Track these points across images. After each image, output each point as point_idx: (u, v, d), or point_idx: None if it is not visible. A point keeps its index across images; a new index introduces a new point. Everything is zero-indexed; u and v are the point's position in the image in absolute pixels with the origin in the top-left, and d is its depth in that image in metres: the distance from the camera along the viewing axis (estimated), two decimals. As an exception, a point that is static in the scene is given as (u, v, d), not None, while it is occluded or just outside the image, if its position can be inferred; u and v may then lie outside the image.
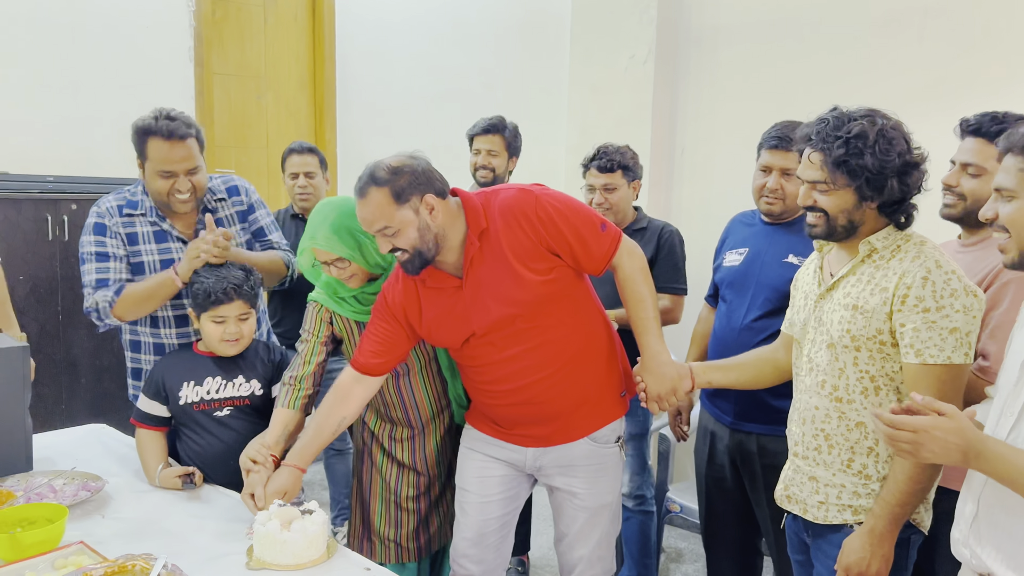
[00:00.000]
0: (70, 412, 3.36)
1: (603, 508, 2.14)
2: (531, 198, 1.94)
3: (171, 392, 2.23)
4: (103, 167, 3.73)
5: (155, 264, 2.40)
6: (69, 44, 3.66)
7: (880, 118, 1.71)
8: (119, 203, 2.42)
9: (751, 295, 2.37)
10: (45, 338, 3.31)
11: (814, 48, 3.58)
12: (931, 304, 1.64)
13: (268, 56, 4.61)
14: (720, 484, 2.51)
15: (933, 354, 1.64)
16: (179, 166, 2.29)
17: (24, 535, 1.68)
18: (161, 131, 2.25)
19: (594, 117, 4.18)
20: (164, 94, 3.97)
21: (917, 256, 1.69)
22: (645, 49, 3.92)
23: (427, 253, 1.92)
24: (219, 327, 2.19)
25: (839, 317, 1.76)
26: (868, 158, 1.67)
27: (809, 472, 1.85)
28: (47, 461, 2.25)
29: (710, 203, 3.85)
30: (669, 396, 2.00)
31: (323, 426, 2.06)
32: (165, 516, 2.00)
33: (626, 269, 2.01)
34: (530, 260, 1.93)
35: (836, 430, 1.79)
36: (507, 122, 3.30)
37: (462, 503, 2.18)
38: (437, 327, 2.03)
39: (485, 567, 2.17)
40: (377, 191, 1.86)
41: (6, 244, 3.19)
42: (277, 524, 1.77)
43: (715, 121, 3.91)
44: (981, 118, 1.94)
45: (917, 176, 1.73)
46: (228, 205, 2.53)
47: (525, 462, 2.14)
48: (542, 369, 2.00)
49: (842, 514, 1.79)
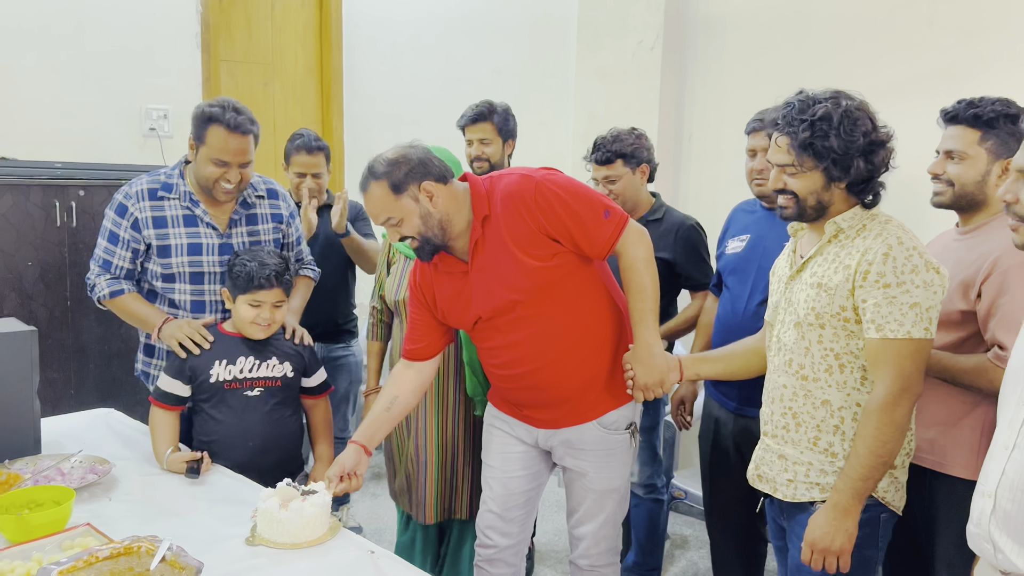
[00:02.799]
0: (79, 396, 3.37)
1: (611, 492, 2.16)
2: (531, 184, 1.94)
3: (199, 371, 2.26)
4: (111, 153, 3.74)
5: (183, 247, 2.42)
6: (77, 30, 3.66)
7: (844, 99, 1.73)
8: (152, 186, 2.44)
9: (753, 280, 2.37)
10: (54, 323, 3.32)
11: (822, 33, 3.56)
12: (892, 279, 1.66)
13: (275, 43, 4.60)
14: (724, 470, 2.51)
15: (894, 329, 1.65)
16: (235, 158, 2.33)
17: (31, 517, 1.70)
18: (228, 122, 2.29)
19: (601, 104, 4.16)
20: (171, 81, 3.98)
21: (880, 234, 1.71)
22: (653, 35, 3.90)
23: (435, 239, 1.97)
24: (254, 311, 2.26)
25: (805, 296, 1.78)
26: (833, 139, 1.70)
27: (778, 451, 1.87)
28: (55, 444, 2.27)
29: (717, 190, 3.84)
30: (656, 387, 2.01)
31: (376, 406, 2.15)
32: (171, 499, 2.01)
33: (629, 258, 1.99)
34: (529, 246, 1.94)
35: (803, 408, 1.81)
36: (495, 106, 3.19)
37: (487, 478, 2.26)
38: (449, 309, 2.09)
39: (510, 540, 2.25)
40: (376, 184, 1.93)
41: (15, 230, 3.21)
42: (276, 502, 1.79)
43: (723, 107, 3.89)
44: (957, 106, 1.97)
45: (883, 155, 1.75)
46: (265, 204, 2.57)
47: (538, 442, 2.19)
48: (546, 355, 2.02)
49: (810, 492, 1.81)
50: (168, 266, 2.41)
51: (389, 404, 2.13)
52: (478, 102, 3.21)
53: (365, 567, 1.70)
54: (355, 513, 3.76)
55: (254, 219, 2.53)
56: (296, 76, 4.70)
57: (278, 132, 4.67)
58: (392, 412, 2.13)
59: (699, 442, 2.66)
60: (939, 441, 1.93)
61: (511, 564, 2.27)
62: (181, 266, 2.42)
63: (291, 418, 2.38)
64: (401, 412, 2.15)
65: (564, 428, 2.12)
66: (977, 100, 1.94)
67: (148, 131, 3.90)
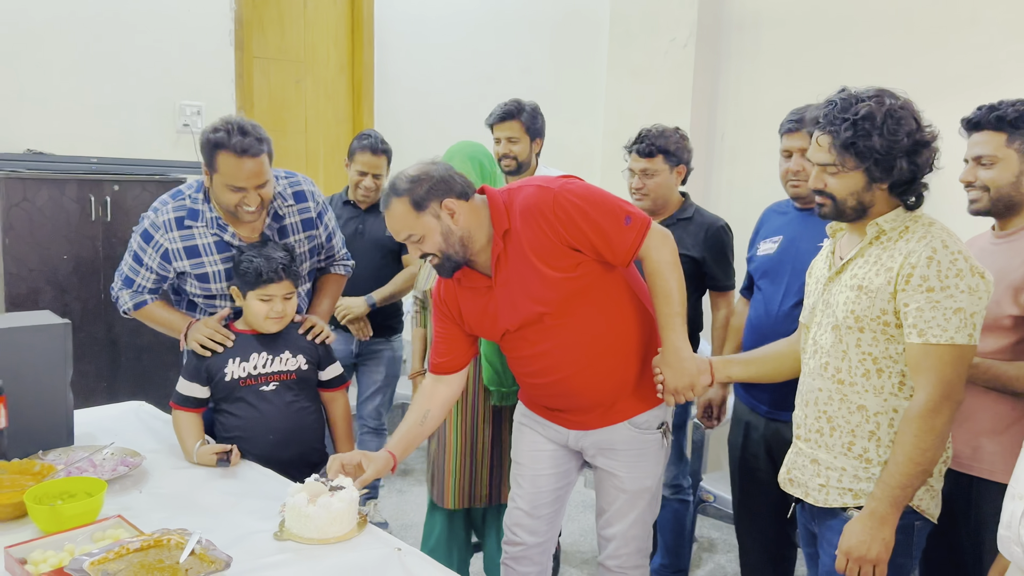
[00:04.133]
0: (111, 389, 3.42)
1: (642, 492, 2.14)
2: (548, 196, 1.92)
3: (214, 371, 2.27)
4: (144, 148, 3.79)
5: (220, 274, 2.39)
6: (112, 26, 3.71)
7: (888, 98, 1.70)
8: (178, 214, 2.35)
9: (787, 282, 2.33)
10: (87, 317, 3.37)
11: (859, 31, 3.49)
12: (935, 284, 1.61)
13: (308, 40, 4.63)
14: (754, 475, 2.48)
15: (936, 334, 1.61)
16: (249, 182, 2.24)
17: (64, 507, 1.72)
18: (234, 148, 2.19)
19: (632, 101, 4.12)
20: (205, 77, 4.02)
21: (924, 236, 1.67)
22: (686, 32, 3.85)
23: (455, 256, 1.97)
24: (265, 305, 2.26)
25: (844, 298, 1.75)
26: (876, 139, 1.66)
27: (811, 455, 1.84)
28: (87, 436, 2.30)
29: (750, 189, 3.78)
30: (686, 391, 1.98)
31: (408, 418, 2.16)
32: (201, 492, 2.02)
33: (653, 262, 1.96)
34: (551, 258, 1.93)
35: (838, 412, 1.77)
36: (523, 104, 3.18)
37: (516, 476, 2.26)
38: (476, 324, 2.10)
39: (537, 538, 2.25)
40: (398, 202, 1.94)
41: (50, 224, 3.26)
42: (304, 498, 1.79)
43: (757, 106, 3.84)
44: (978, 112, 1.95)
45: (927, 155, 1.71)
46: (295, 212, 2.48)
47: (568, 442, 2.19)
48: (576, 362, 2.02)
49: (842, 497, 1.77)
50: (208, 290, 2.41)
51: (422, 418, 2.14)
52: (506, 101, 3.20)
53: (392, 564, 1.70)
54: (382, 508, 3.78)
55: (285, 232, 2.46)
56: (328, 73, 4.72)
57: (309, 129, 4.70)
58: (425, 426, 2.14)
59: (728, 446, 2.62)
60: (987, 448, 1.90)
61: (537, 563, 2.27)
62: (220, 289, 2.41)
63: (310, 411, 2.38)
64: (434, 425, 2.17)
65: (595, 429, 2.12)
66: (997, 103, 1.93)
67: (182, 127, 3.94)
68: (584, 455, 2.20)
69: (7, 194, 3.16)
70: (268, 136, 2.28)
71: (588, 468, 2.28)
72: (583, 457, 2.23)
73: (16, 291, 3.21)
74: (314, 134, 4.72)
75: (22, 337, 2.12)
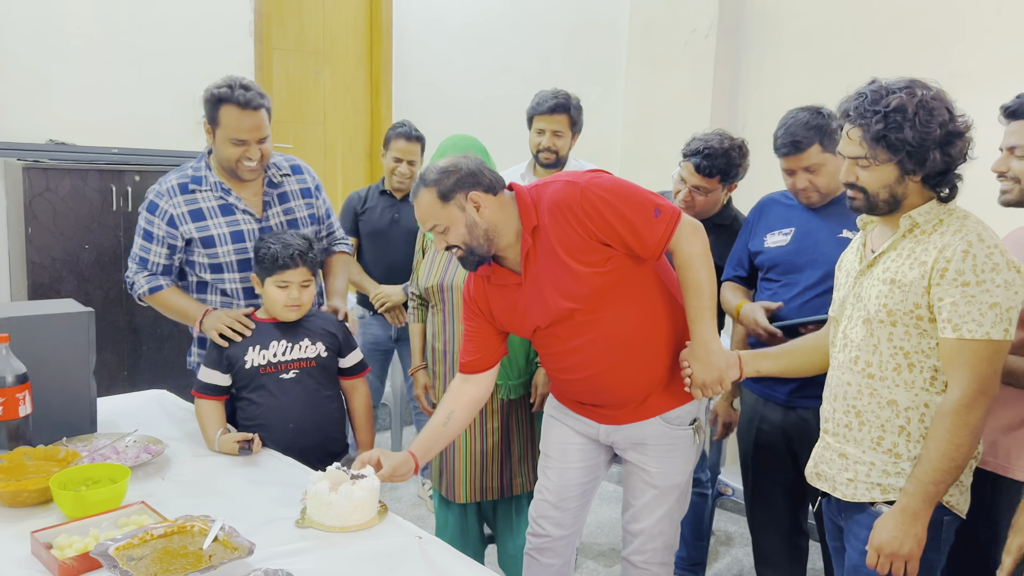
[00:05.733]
0: (132, 377, 3.45)
1: (672, 488, 2.13)
2: (576, 191, 1.91)
3: (234, 359, 2.28)
4: (165, 139, 3.80)
5: (225, 237, 2.44)
6: (132, 17, 3.72)
7: (920, 88, 1.66)
8: (181, 181, 2.45)
9: (807, 273, 2.30)
10: (109, 305, 3.39)
11: (882, 21, 3.46)
12: (971, 278, 1.59)
13: (326, 32, 4.63)
14: (767, 465, 2.46)
15: (971, 329, 1.59)
16: (251, 135, 2.34)
17: (88, 494, 1.73)
18: (237, 100, 2.30)
19: (652, 93, 4.09)
20: (224, 68, 3.94)
21: (959, 230, 1.64)
22: (707, 22, 3.82)
23: (479, 250, 1.97)
24: (283, 292, 2.27)
25: (877, 292, 1.72)
26: (908, 131, 1.63)
27: (839, 449, 1.82)
28: (110, 424, 2.31)
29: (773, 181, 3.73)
30: (715, 385, 1.96)
31: (433, 418, 2.15)
32: (223, 479, 2.03)
33: (683, 255, 1.94)
34: (581, 254, 1.92)
35: (867, 407, 1.75)
36: (571, 98, 3.11)
37: (544, 468, 2.26)
38: (507, 321, 2.10)
39: (563, 531, 2.24)
40: (425, 191, 1.95)
41: (73, 213, 3.28)
42: (326, 485, 1.80)
43: (778, 96, 3.80)
44: (1018, 100, 1.89)
45: (961, 145, 1.67)
46: (292, 181, 2.59)
47: (599, 436, 2.18)
48: (608, 358, 2.01)
49: (871, 492, 1.75)
50: (214, 255, 2.44)
51: (446, 419, 2.12)
52: (552, 91, 3.11)
53: (412, 552, 1.70)
54: None
55: (285, 197, 2.55)
56: (346, 65, 4.73)
57: (328, 120, 4.70)
58: (449, 427, 2.12)
59: (738, 437, 2.60)
60: (1002, 443, 1.87)
61: (561, 555, 2.26)
62: (227, 255, 2.45)
63: (330, 399, 2.38)
64: (458, 427, 2.14)
65: (627, 424, 2.11)
66: None
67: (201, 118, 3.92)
68: (615, 448, 2.19)
69: (30, 184, 3.18)
70: (268, 95, 2.40)
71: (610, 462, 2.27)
72: (613, 451, 2.22)
73: (39, 280, 3.24)
74: (332, 125, 4.73)
75: (46, 325, 2.13)
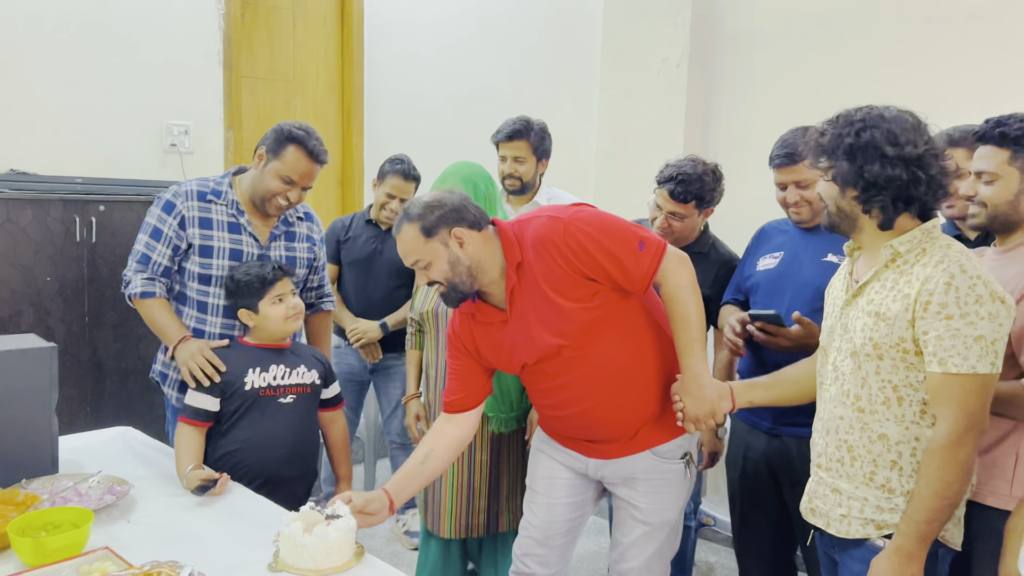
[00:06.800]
0: (95, 414, 3.34)
1: (663, 524, 2.08)
2: (559, 226, 1.89)
3: (232, 380, 2.23)
4: (131, 168, 3.72)
5: (224, 251, 2.45)
6: (99, 44, 3.66)
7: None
8: (202, 189, 2.49)
9: (790, 296, 2.29)
10: (71, 339, 3.29)
11: (852, 50, 3.51)
12: (955, 311, 1.57)
13: (296, 59, 4.59)
14: (755, 495, 2.43)
15: (957, 363, 1.57)
16: (303, 180, 2.42)
17: (49, 540, 1.65)
18: (312, 148, 2.39)
19: (625, 121, 4.11)
20: (193, 97, 3.96)
21: (941, 261, 1.62)
22: (679, 51, 3.86)
23: (461, 286, 1.93)
24: (281, 306, 2.29)
25: (862, 324, 1.70)
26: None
27: (832, 484, 1.79)
28: (72, 464, 2.22)
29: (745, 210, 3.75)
30: (707, 418, 1.94)
31: (411, 457, 2.09)
32: (191, 521, 1.95)
33: (670, 287, 1.91)
34: (567, 289, 1.89)
35: (859, 441, 1.73)
36: (532, 124, 3.12)
37: (530, 503, 2.20)
38: (493, 358, 2.06)
39: (548, 570, 2.17)
40: (409, 226, 1.93)
41: (34, 244, 3.18)
42: (300, 527, 1.73)
43: (750, 125, 3.84)
44: (984, 125, 1.90)
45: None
46: (303, 226, 2.65)
47: (587, 470, 2.13)
48: (597, 394, 1.97)
49: (865, 528, 1.72)
50: (208, 266, 2.44)
51: (424, 457, 2.06)
52: (515, 118, 3.13)
53: (392, 596, 1.64)
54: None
55: (292, 236, 2.60)
56: (317, 93, 4.68)
57: (298, 149, 4.64)
58: (427, 466, 2.06)
59: (727, 465, 2.57)
60: None
61: None
62: (220, 269, 2.45)
63: (314, 427, 2.38)
64: (437, 467, 2.08)
65: (616, 459, 2.06)
66: (1005, 118, 1.86)
67: (169, 147, 3.88)
68: (604, 483, 2.14)
69: (-10, 214, 3.09)
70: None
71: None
72: (602, 486, 2.17)
73: (-3, 313, 3.14)
74: (303, 154, 4.67)
75: (5, 361, 2.04)
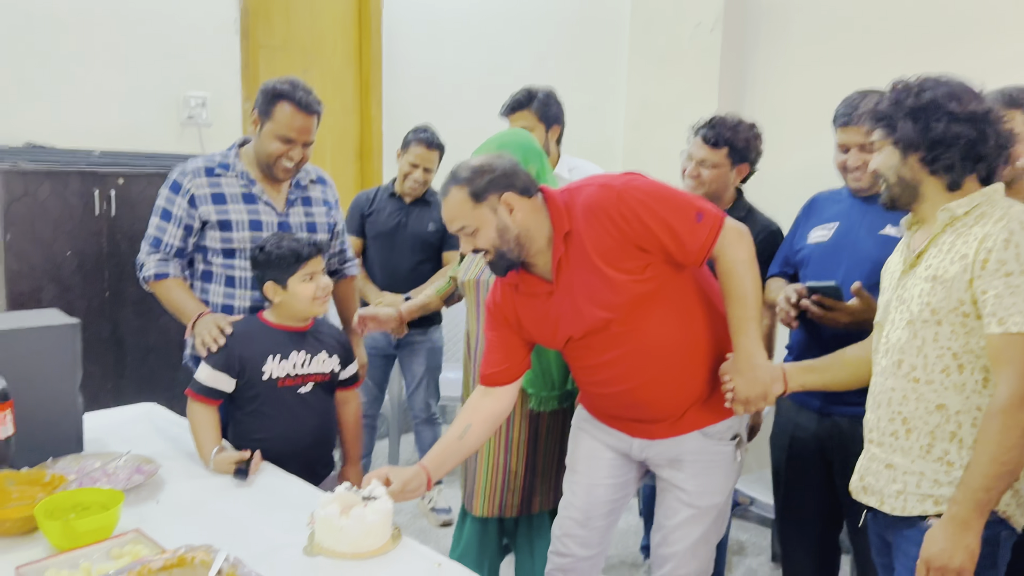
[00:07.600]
0: (116, 390, 3.29)
1: (710, 508, 2.01)
2: (612, 194, 1.80)
3: (251, 366, 2.14)
4: (149, 141, 3.66)
5: (243, 223, 2.40)
6: (115, 16, 3.58)
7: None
8: (208, 164, 2.44)
9: (844, 270, 2.19)
10: (91, 315, 3.23)
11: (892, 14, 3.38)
12: (1015, 267, 1.49)
13: (314, 30, 4.50)
14: (801, 476, 2.34)
15: (1018, 322, 1.48)
16: (300, 136, 2.36)
17: (78, 522, 1.59)
18: (297, 100, 2.31)
19: (656, 90, 3.99)
20: (210, 67, 3.88)
21: (1001, 219, 1.54)
22: (712, 16, 3.73)
23: (509, 254, 1.85)
24: (311, 284, 2.16)
25: (919, 291, 1.63)
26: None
27: (885, 459, 1.70)
28: (97, 442, 2.17)
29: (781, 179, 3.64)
30: (759, 400, 1.85)
31: (449, 431, 2.03)
32: (221, 502, 1.90)
33: (727, 261, 1.82)
34: (618, 261, 1.80)
35: (914, 413, 1.64)
36: (534, 91, 3.04)
37: (570, 483, 2.14)
38: (536, 331, 1.98)
39: (588, 551, 2.11)
40: (457, 189, 1.84)
41: (52, 219, 3.12)
42: (336, 509, 1.67)
43: (786, 92, 3.72)
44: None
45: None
46: (318, 189, 2.60)
47: (631, 451, 2.05)
48: (645, 372, 1.89)
49: (922, 504, 1.64)
50: (229, 240, 2.39)
51: (462, 432, 1.99)
52: (518, 90, 3.08)
53: (432, 581, 1.58)
54: (448, 495, 3.72)
55: (309, 201, 2.55)
56: (335, 63, 4.59)
57: (317, 120, 4.56)
58: (465, 441, 1.99)
59: (771, 446, 2.49)
60: None
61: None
62: (242, 242, 2.39)
63: (332, 413, 2.31)
64: (475, 442, 2.01)
65: (663, 439, 1.99)
66: None
67: (187, 119, 3.81)
68: (648, 464, 2.07)
69: (8, 188, 3.02)
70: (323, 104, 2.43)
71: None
72: (644, 467, 2.10)
73: (18, 289, 3.08)
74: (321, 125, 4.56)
75: (29, 338, 1.98)
